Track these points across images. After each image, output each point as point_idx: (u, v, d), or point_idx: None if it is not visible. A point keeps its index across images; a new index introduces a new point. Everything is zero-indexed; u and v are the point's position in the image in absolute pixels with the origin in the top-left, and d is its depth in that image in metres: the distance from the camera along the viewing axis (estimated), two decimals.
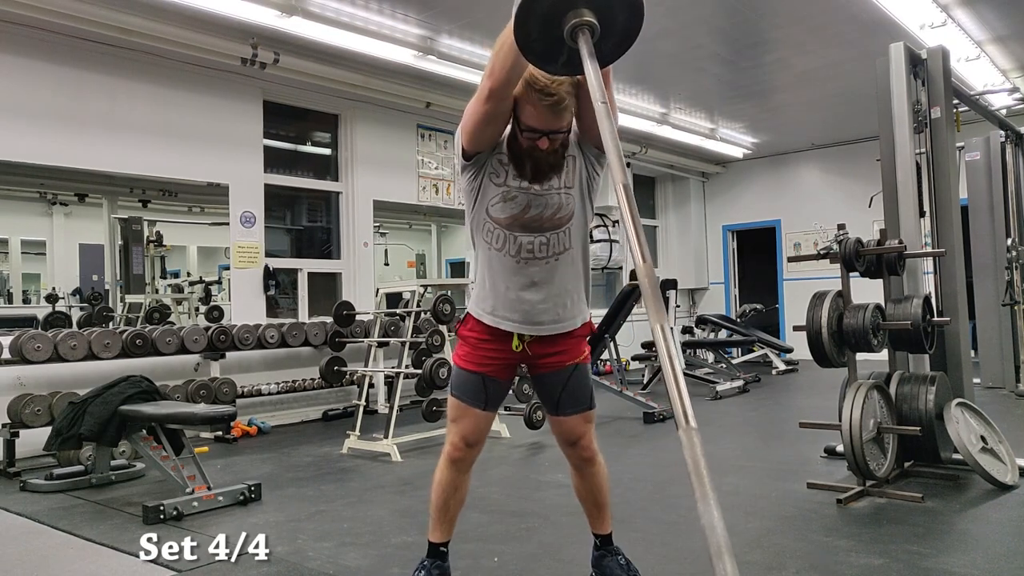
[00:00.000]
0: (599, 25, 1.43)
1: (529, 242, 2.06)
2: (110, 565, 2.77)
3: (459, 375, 2.18)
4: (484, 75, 1.86)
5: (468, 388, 2.14)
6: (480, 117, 1.93)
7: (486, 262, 2.13)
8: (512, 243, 2.07)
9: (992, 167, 6.54)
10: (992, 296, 6.50)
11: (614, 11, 1.44)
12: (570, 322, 2.14)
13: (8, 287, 8.62)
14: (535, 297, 2.08)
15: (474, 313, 2.17)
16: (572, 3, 1.41)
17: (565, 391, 2.17)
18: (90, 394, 3.85)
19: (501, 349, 2.14)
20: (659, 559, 2.65)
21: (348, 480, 4.08)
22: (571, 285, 2.13)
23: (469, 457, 2.18)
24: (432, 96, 6.83)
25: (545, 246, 2.07)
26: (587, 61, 1.40)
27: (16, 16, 4.72)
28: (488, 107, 1.89)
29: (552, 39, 1.46)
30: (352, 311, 5.91)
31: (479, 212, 2.10)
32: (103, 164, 5.43)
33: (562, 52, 1.49)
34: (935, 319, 3.78)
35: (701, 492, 1.14)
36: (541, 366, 2.17)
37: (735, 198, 11.26)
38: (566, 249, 2.10)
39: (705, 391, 7.05)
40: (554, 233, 2.08)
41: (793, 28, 6.00)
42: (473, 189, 2.09)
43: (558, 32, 1.44)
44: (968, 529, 2.95)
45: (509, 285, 2.08)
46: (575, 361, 2.17)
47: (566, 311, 2.13)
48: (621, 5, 1.44)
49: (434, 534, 2.24)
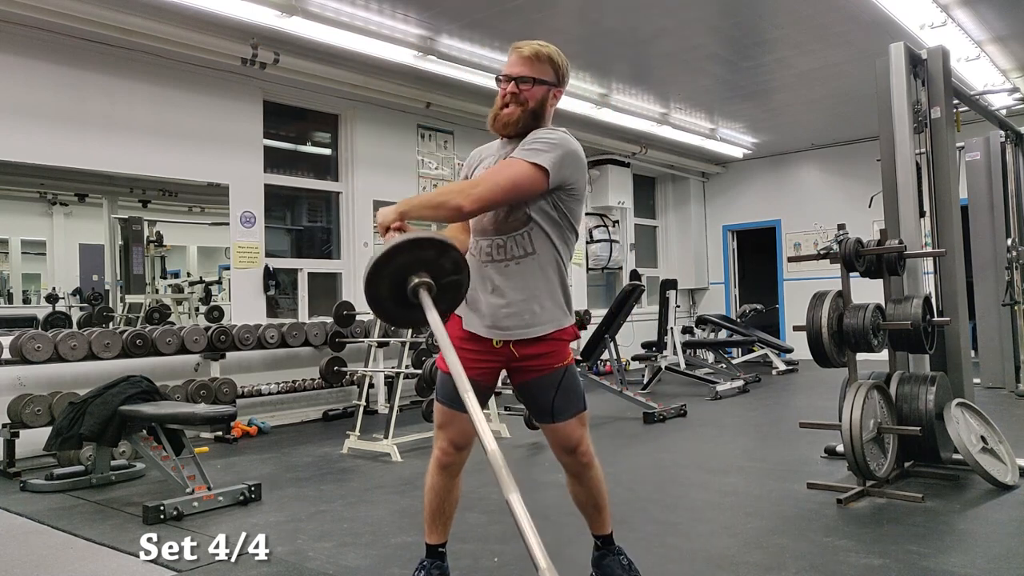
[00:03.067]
0: (435, 285, 1.75)
1: (488, 244, 2.09)
2: (110, 565, 2.77)
3: (442, 379, 2.17)
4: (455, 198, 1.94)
5: (451, 391, 2.10)
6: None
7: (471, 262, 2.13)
8: (475, 245, 2.12)
9: (992, 167, 6.54)
10: (992, 296, 6.50)
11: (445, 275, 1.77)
12: (541, 327, 2.08)
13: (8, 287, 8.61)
14: (497, 301, 2.06)
15: (457, 313, 2.13)
16: (414, 268, 1.75)
17: (559, 394, 2.12)
18: (90, 394, 3.85)
19: (481, 351, 2.11)
20: (659, 559, 2.65)
21: (348, 480, 4.08)
22: (539, 291, 2.08)
23: (458, 461, 2.17)
24: (432, 96, 6.84)
25: (502, 248, 2.07)
26: (428, 312, 1.72)
27: (16, 16, 4.72)
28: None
29: (399, 294, 1.78)
30: (352, 311, 5.91)
31: None
32: (103, 164, 5.44)
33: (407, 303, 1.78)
34: (935, 319, 3.79)
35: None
36: (526, 370, 2.12)
37: (735, 198, 11.27)
38: (527, 253, 2.07)
39: (705, 391, 7.05)
40: (511, 236, 2.06)
41: (793, 28, 6.00)
42: None
43: (402, 290, 1.76)
44: (968, 529, 2.95)
45: (475, 286, 2.07)
46: (563, 363, 2.14)
47: (535, 317, 2.07)
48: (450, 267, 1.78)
49: (431, 537, 2.24)
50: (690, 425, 5.58)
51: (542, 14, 5.52)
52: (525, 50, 2.09)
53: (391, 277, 1.75)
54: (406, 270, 1.74)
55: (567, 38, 6.04)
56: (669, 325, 8.13)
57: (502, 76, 2.11)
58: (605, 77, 7.16)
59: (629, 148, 9.35)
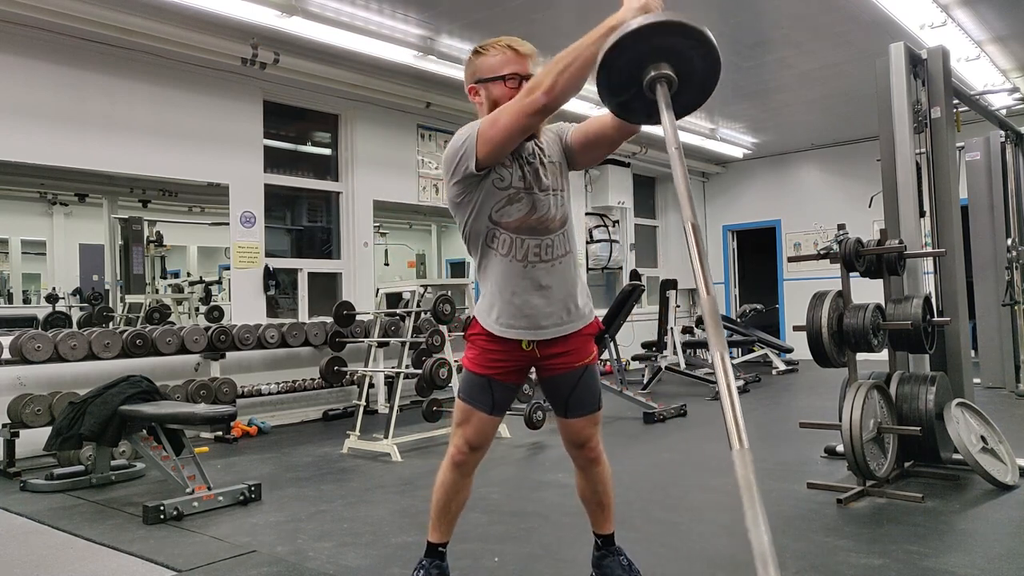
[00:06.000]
0: (677, 79, 1.55)
1: (536, 245, 2.06)
2: (110, 565, 2.77)
3: (466, 377, 2.18)
4: (537, 87, 1.84)
5: (475, 390, 2.13)
6: (519, 129, 1.92)
7: (491, 269, 2.10)
8: (519, 247, 2.06)
9: (992, 167, 6.54)
10: (992, 296, 6.50)
11: (693, 65, 1.57)
12: (576, 323, 2.14)
13: (8, 287, 8.61)
14: (541, 301, 2.07)
15: (481, 321, 2.14)
16: (654, 57, 1.52)
17: (574, 394, 2.16)
18: (90, 394, 3.85)
19: (508, 352, 2.12)
20: (659, 559, 2.65)
21: (348, 480, 4.08)
22: (576, 288, 2.14)
23: (472, 461, 2.18)
24: (432, 96, 6.84)
25: (550, 248, 2.08)
26: (664, 112, 1.52)
27: (16, 16, 4.72)
28: (534, 120, 1.90)
29: (631, 86, 1.58)
30: (352, 311, 5.91)
31: (479, 220, 2.08)
32: (103, 164, 5.43)
33: (640, 98, 1.60)
34: (935, 319, 3.78)
35: (752, 515, 1.15)
36: (550, 368, 2.16)
37: (735, 198, 11.27)
38: (567, 252, 2.12)
39: (705, 391, 7.05)
40: (556, 235, 2.10)
41: (793, 28, 6.00)
42: (471, 200, 2.07)
43: (637, 82, 1.56)
44: (968, 529, 2.95)
45: (516, 290, 2.07)
46: (584, 362, 2.17)
47: (570, 314, 2.12)
48: (700, 61, 1.57)
49: (434, 534, 2.25)
50: (690, 425, 5.58)
51: (542, 14, 5.52)
52: (523, 48, 2.13)
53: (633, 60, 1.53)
54: (652, 56, 1.53)
55: (567, 38, 6.00)
56: (669, 325, 8.14)
57: (514, 75, 2.09)
58: None
59: (629, 148, 9.35)
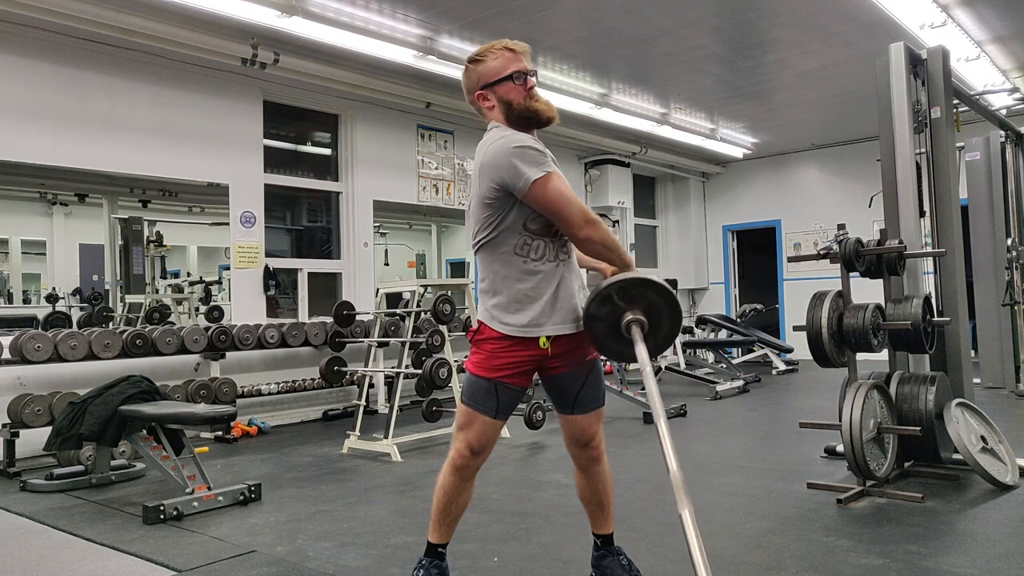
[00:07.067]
0: (647, 324, 2.04)
1: (559, 246, 2.15)
2: (110, 565, 2.77)
3: (470, 381, 2.17)
4: (595, 225, 2.07)
5: (479, 394, 2.13)
6: (561, 218, 2.06)
7: (525, 276, 2.10)
8: (550, 250, 2.13)
9: (992, 167, 6.55)
10: (992, 296, 6.50)
11: (661, 321, 2.08)
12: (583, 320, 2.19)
13: (8, 287, 8.62)
14: (565, 295, 2.14)
15: (499, 324, 2.12)
16: (630, 305, 2.04)
17: (584, 390, 2.19)
18: (90, 394, 3.85)
19: (521, 351, 2.12)
20: (659, 559, 2.65)
21: (348, 480, 4.08)
22: (579, 285, 2.22)
23: (473, 465, 2.17)
24: (432, 96, 6.84)
25: (564, 248, 2.17)
26: (638, 346, 2.01)
27: (16, 16, 4.72)
28: (574, 227, 2.07)
29: (614, 325, 2.07)
30: (352, 311, 5.91)
31: (511, 231, 2.08)
32: (103, 164, 5.43)
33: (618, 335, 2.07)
34: (935, 319, 3.78)
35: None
36: (559, 366, 2.16)
37: (735, 198, 11.27)
38: (571, 250, 2.21)
39: (705, 391, 7.06)
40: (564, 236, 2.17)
41: (793, 28, 6.00)
42: (503, 214, 2.07)
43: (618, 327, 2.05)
44: (968, 529, 2.95)
45: (545, 287, 2.10)
46: (593, 356, 2.22)
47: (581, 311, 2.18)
48: (668, 317, 2.07)
49: (434, 535, 2.24)
50: (690, 425, 5.58)
51: (542, 14, 5.52)
52: (518, 47, 2.20)
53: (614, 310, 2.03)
54: (627, 304, 2.03)
55: (567, 38, 6.04)
56: None
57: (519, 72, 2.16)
58: (605, 77, 7.16)
59: (629, 148, 9.35)
